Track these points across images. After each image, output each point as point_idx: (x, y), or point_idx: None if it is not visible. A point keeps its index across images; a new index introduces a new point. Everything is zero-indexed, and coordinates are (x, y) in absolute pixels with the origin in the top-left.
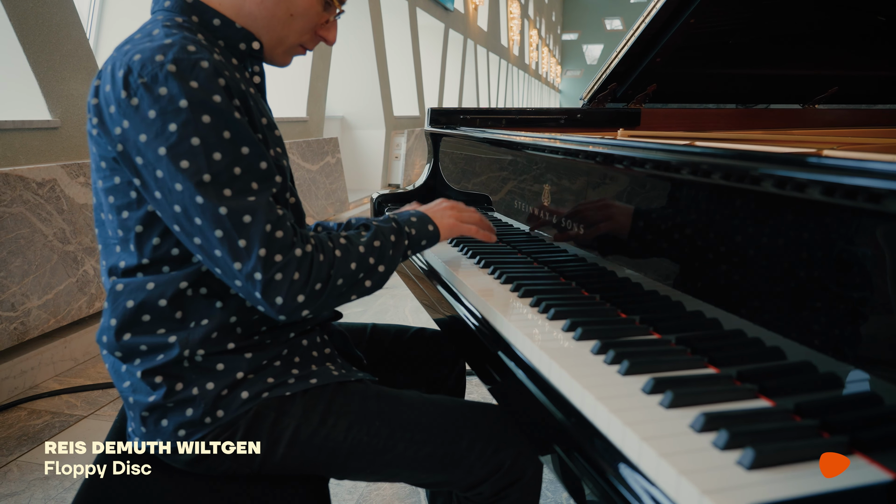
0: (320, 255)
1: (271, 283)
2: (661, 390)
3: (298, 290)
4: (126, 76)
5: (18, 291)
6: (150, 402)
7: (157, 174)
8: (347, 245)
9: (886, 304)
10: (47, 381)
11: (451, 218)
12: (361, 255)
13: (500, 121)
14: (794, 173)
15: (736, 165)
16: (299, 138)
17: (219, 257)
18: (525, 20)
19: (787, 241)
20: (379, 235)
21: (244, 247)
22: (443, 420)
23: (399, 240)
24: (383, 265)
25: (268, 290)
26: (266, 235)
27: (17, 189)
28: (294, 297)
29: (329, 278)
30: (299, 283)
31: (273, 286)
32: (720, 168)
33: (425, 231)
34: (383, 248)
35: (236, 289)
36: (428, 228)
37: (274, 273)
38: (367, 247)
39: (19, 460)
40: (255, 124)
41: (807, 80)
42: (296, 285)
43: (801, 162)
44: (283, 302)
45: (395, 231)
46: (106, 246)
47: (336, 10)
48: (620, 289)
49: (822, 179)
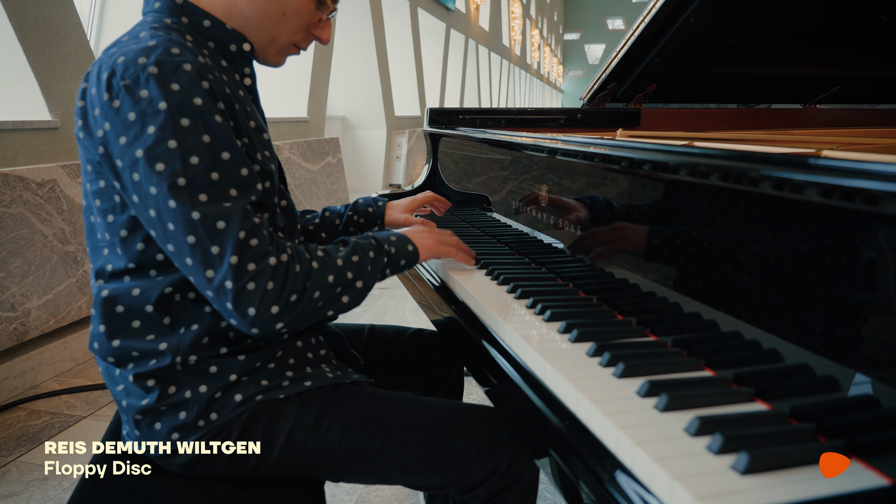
0: (296, 266)
1: (243, 293)
2: (656, 393)
3: (272, 300)
4: (109, 78)
5: (18, 292)
6: (143, 405)
7: (133, 177)
8: (325, 258)
9: (886, 307)
10: (47, 382)
11: (431, 240)
12: (339, 269)
13: (500, 121)
14: (790, 174)
15: (732, 166)
16: (300, 138)
17: (190, 266)
18: (527, 20)
19: (785, 243)
20: (358, 251)
21: (216, 254)
22: (438, 423)
23: (378, 256)
24: (361, 281)
25: (239, 299)
26: (239, 242)
27: (16, 189)
28: (268, 308)
29: (305, 290)
30: (273, 294)
31: (245, 296)
32: (717, 169)
33: (405, 251)
34: (362, 264)
35: (209, 299)
36: (407, 248)
37: (246, 282)
38: (346, 261)
39: (18, 461)
40: (240, 129)
41: (808, 80)
42: (269, 295)
43: (799, 163)
44: (255, 313)
45: (374, 248)
46: (94, 249)
47: (329, 9)
48: (617, 290)
49: (819, 181)
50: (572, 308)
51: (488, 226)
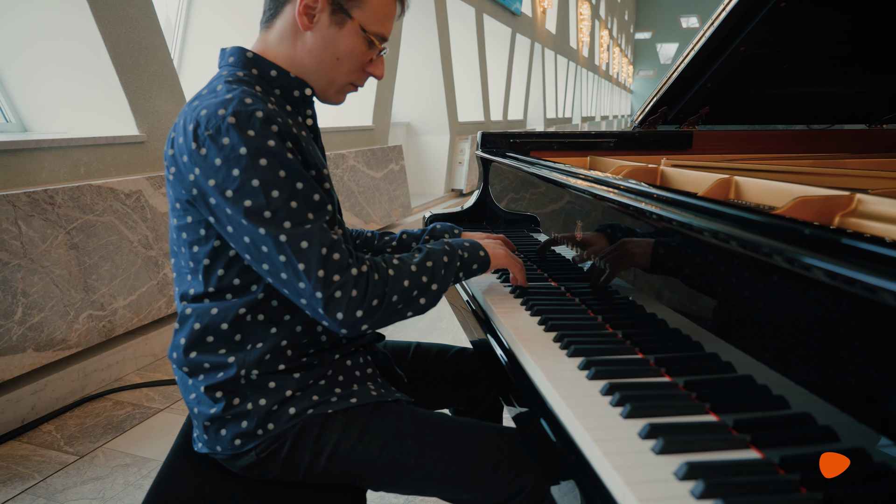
0: (375, 274)
1: (332, 300)
2: (655, 436)
3: (357, 305)
4: (195, 129)
5: (107, 293)
6: (211, 413)
7: (227, 212)
8: (400, 265)
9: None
10: (129, 375)
11: (502, 249)
12: (414, 274)
13: (552, 144)
14: (789, 251)
15: (734, 235)
16: (365, 146)
17: (285, 279)
18: (596, 21)
19: (808, 303)
20: (431, 256)
21: (304, 269)
22: (469, 443)
23: (451, 261)
24: (436, 284)
25: (329, 306)
26: (323, 258)
27: (108, 200)
28: (353, 312)
29: (384, 295)
30: (357, 300)
31: (333, 303)
32: (719, 235)
33: (477, 256)
34: (435, 268)
35: (302, 307)
36: (479, 254)
37: (333, 291)
38: (420, 266)
39: (105, 447)
40: (307, 163)
41: (873, 99)
42: (354, 301)
43: (795, 237)
44: (343, 317)
45: (447, 252)
46: (179, 274)
47: (379, 48)
48: (640, 327)
49: (815, 264)
50: (595, 345)
51: (531, 249)
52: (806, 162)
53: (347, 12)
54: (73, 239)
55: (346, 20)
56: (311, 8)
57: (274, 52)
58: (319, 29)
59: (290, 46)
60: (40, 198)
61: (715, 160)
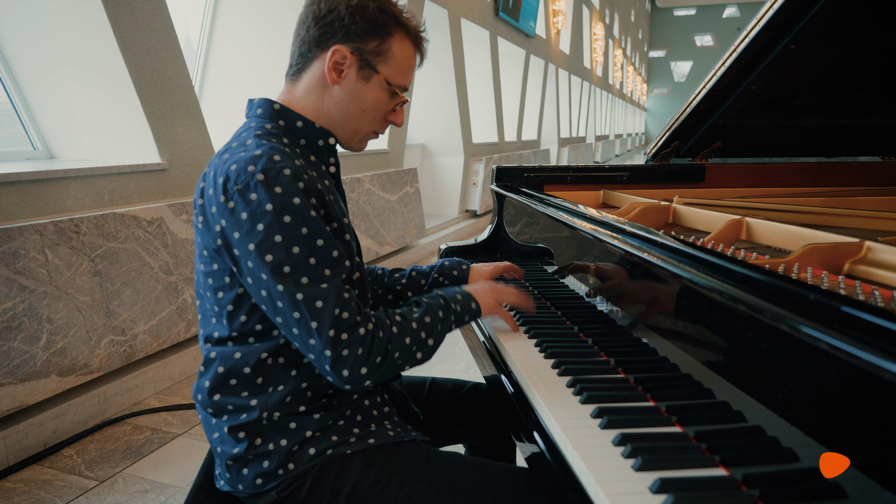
0: (380, 332)
1: (339, 359)
2: (666, 491)
3: (362, 363)
4: (225, 183)
5: (128, 318)
6: (234, 453)
7: (248, 264)
8: (402, 322)
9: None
10: (148, 399)
11: (492, 299)
12: (414, 331)
13: (565, 177)
14: (791, 320)
15: (741, 298)
16: (380, 170)
17: (296, 334)
18: (609, 40)
19: (813, 364)
20: (429, 312)
21: (316, 328)
22: (482, 485)
23: (447, 315)
24: (433, 339)
25: (336, 364)
26: (335, 318)
27: (130, 227)
28: (358, 369)
29: (388, 353)
30: (362, 358)
31: (340, 361)
32: (725, 296)
33: (469, 308)
34: (433, 324)
35: (310, 360)
36: (471, 306)
37: (341, 350)
38: (419, 323)
39: (124, 472)
40: (330, 216)
41: (887, 130)
42: (359, 360)
43: (800, 305)
44: (348, 374)
45: (442, 307)
46: (204, 316)
47: (402, 99)
48: (652, 372)
49: (816, 335)
50: (608, 392)
51: (544, 285)
52: (818, 201)
53: (374, 67)
54: (97, 266)
55: (372, 75)
56: (340, 64)
57: (300, 103)
58: (347, 83)
59: (318, 99)
60: (66, 226)
61: (727, 196)
